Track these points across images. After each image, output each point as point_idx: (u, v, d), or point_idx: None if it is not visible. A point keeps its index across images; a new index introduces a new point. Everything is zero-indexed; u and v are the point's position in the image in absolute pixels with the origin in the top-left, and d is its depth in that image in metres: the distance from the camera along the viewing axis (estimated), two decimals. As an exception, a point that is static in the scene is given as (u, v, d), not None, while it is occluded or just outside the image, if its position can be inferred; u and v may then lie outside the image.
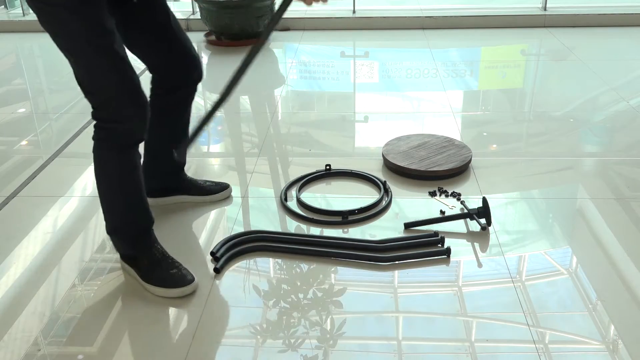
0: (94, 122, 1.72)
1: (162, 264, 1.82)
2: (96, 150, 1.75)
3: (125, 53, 1.66)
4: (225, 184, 2.33)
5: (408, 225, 2.13)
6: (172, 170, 2.24)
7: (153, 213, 1.87)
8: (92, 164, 1.76)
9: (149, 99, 1.76)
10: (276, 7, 1.83)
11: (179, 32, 1.92)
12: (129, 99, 1.65)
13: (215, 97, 2.01)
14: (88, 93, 1.66)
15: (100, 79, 1.62)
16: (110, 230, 1.85)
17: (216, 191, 2.28)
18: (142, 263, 1.83)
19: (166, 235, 2.04)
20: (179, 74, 1.97)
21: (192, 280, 1.81)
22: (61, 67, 4.29)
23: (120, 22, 1.71)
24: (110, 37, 1.60)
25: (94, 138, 1.74)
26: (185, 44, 1.94)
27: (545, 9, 5.00)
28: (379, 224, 2.19)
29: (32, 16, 5.24)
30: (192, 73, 1.98)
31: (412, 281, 1.88)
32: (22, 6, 5.28)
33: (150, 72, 1.99)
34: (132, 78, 1.65)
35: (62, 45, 1.60)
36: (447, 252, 1.97)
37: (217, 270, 1.90)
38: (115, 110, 1.66)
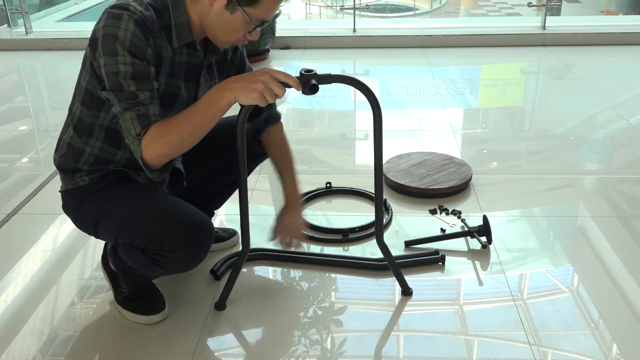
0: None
1: (140, 294, 1.79)
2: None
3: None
4: (233, 230, 2.19)
5: (409, 244, 2.13)
6: None
7: None
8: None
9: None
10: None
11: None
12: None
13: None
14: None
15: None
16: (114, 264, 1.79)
17: (225, 238, 2.15)
18: (123, 288, 1.80)
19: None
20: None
21: (162, 308, 1.77)
22: (62, 85, 4.31)
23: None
24: None
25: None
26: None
27: (544, 28, 5.04)
28: (379, 241, 2.18)
29: (34, 34, 5.28)
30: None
31: (413, 299, 1.87)
32: (25, 25, 5.32)
33: None
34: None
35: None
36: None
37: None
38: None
